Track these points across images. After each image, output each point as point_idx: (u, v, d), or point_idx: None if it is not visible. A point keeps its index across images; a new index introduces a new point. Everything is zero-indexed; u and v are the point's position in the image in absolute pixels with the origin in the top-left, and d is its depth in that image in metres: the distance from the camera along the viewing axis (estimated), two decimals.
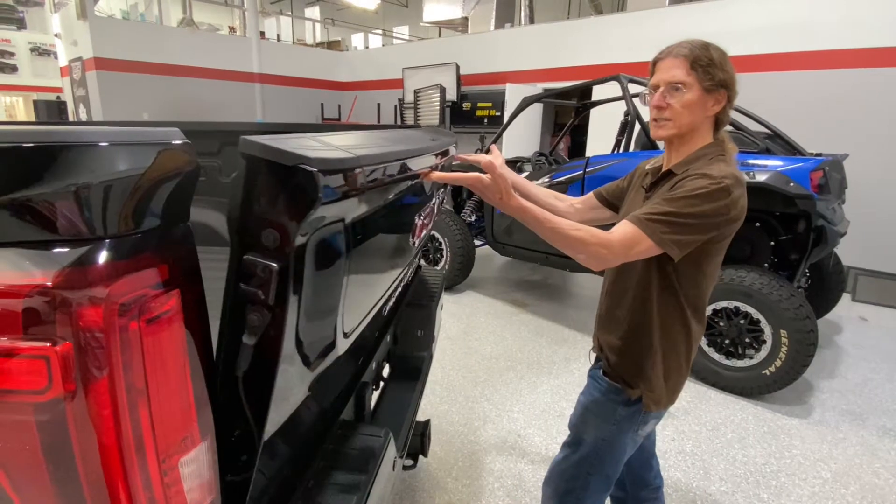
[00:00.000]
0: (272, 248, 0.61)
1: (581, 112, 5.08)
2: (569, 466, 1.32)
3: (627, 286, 1.19)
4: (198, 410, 0.56)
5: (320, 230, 0.66)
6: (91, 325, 0.45)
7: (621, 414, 1.21)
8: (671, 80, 1.09)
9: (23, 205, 0.46)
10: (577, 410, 1.33)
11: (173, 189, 0.53)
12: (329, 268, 0.74)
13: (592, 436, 1.26)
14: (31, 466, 0.48)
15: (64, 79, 8.78)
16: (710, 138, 1.14)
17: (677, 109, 1.09)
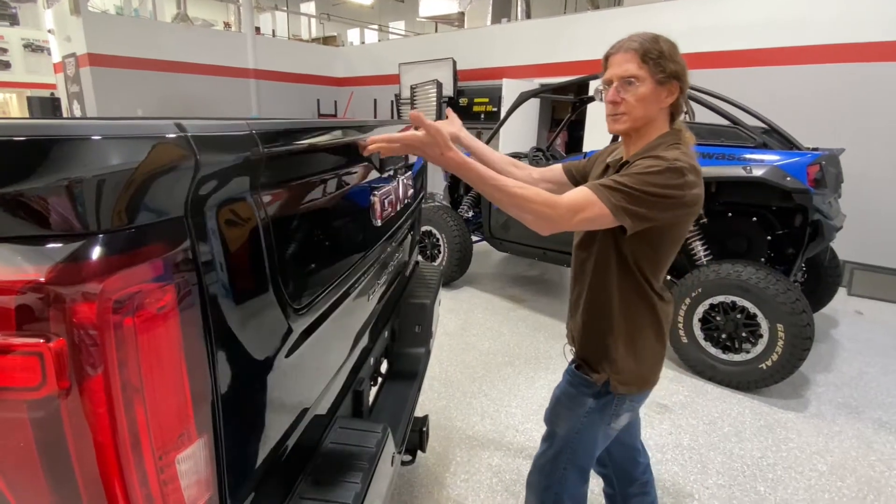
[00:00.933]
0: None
1: (578, 107, 5.07)
2: (545, 462, 1.32)
3: (587, 269, 1.21)
4: (195, 407, 0.56)
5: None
6: (85, 322, 0.45)
7: (591, 406, 1.22)
8: (624, 75, 1.10)
9: (15, 200, 0.46)
10: (551, 404, 1.34)
11: (168, 183, 0.52)
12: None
13: (564, 429, 1.27)
14: (27, 464, 0.48)
15: (58, 75, 8.72)
16: (665, 129, 1.15)
17: (631, 103, 1.10)
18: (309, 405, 0.89)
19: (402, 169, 1.58)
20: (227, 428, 0.61)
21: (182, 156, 0.53)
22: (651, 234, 1.09)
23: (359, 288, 1.14)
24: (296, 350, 0.80)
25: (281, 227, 0.73)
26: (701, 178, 1.10)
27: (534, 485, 1.36)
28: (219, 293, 0.59)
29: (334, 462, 0.94)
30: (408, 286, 1.83)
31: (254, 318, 0.67)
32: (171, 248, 0.52)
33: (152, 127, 0.53)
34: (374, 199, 1.21)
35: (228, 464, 0.63)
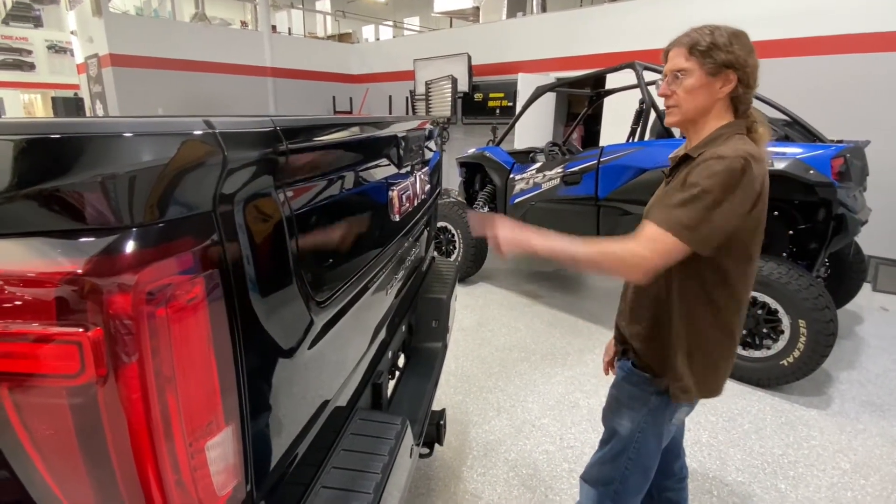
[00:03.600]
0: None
1: (595, 101, 5.02)
2: (606, 461, 1.31)
3: (660, 279, 1.18)
4: (223, 395, 0.58)
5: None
6: (120, 312, 0.47)
7: (654, 403, 1.21)
8: (673, 68, 1.13)
9: (53, 195, 0.48)
10: (609, 403, 1.33)
11: (197, 178, 0.54)
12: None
13: (627, 428, 1.25)
14: (66, 449, 0.50)
15: (81, 75, 8.91)
16: (726, 120, 1.13)
17: (681, 96, 1.12)
18: (330, 396, 0.91)
19: (419, 165, 1.59)
20: (252, 417, 0.63)
21: (210, 152, 0.54)
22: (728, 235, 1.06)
23: (377, 282, 1.16)
24: (318, 342, 0.82)
25: (303, 221, 0.75)
26: (762, 165, 1.07)
27: (592, 482, 1.35)
28: (245, 286, 0.60)
29: (355, 452, 0.95)
30: (424, 281, 1.84)
31: (278, 310, 0.69)
32: (200, 242, 0.54)
33: (181, 124, 0.54)
34: (393, 194, 1.22)
35: (254, 452, 0.64)
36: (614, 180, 3.40)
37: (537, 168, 3.95)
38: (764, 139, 1.14)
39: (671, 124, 1.17)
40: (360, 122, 1.09)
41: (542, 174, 3.89)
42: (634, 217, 3.30)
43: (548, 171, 3.85)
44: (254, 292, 0.62)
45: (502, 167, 4.22)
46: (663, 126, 3.42)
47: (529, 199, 3.99)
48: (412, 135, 1.45)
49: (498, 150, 4.40)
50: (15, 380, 0.47)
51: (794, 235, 3.11)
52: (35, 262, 0.47)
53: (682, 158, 1.15)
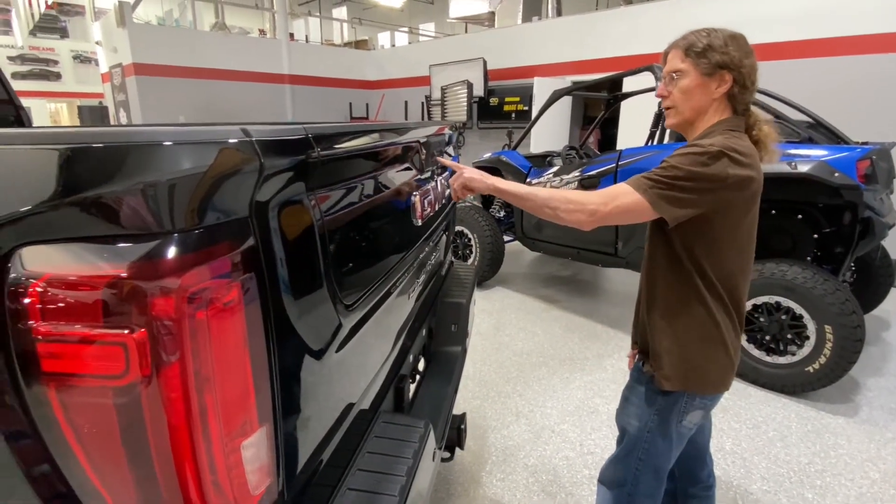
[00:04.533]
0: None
1: (612, 104, 5.00)
2: (619, 462, 1.33)
3: (646, 265, 1.24)
4: (257, 396, 0.59)
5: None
6: (163, 314, 0.48)
7: (661, 402, 1.21)
8: (670, 70, 1.15)
9: (98, 202, 0.50)
10: (621, 403, 1.35)
11: (234, 185, 0.55)
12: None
13: (636, 427, 1.27)
14: (109, 447, 0.51)
15: (105, 84, 9.14)
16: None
17: (677, 96, 1.14)
18: (356, 399, 0.92)
19: (439, 169, 1.60)
20: (285, 418, 0.64)
21: (247, 159, 0.56)
22: (700, 224, 1.08)
23: (400, 286, 1.17)
24: (345, 345, 0.83)
25: (332, 225, 0.76)
26: (754, 161, 1.07)
27: (606, 482, 1.37)
28: (278, 289, 0.62)
29: (379, 455, 0.96)
30: (444, 285, 1.85)
31: (309, 313, 0.70)
32: (237, 246, 0.55)
33: (219, 132, 0.56)
34: (415, 199, 1.23)
35: (286, 452, 0.65)
36: None
37: (554, 172, 3.94)
38: (770, 137, 1.15)
39: (671, 126, 1.19)
40: (384, 128, 1.11)
41: (559, 178, 3.88)
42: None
43: (565, 175, 3.83)
44: (287, 295, 0.64)
45: (519, 171, 4.22)
46: None
47: None
48: (433, 140, 1.46)
49: (514, 154, 4.40)
50: (62, 379, 0.49)
51: (819, 239, 3.05)
52: (81, 267, 0.49)
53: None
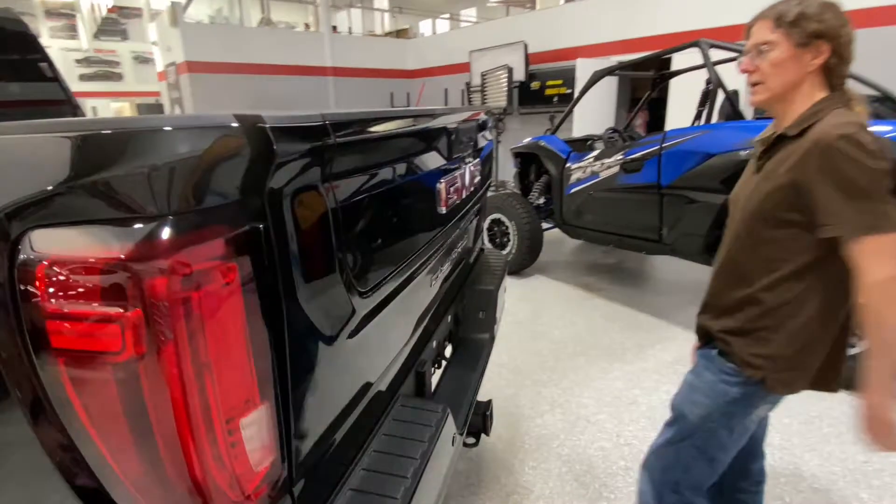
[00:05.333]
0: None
1: (658, 84, 4.78)
2: (669, 447, 1.28)
3: (754, 265, 1.12)
4: (258, 376, 0.60)
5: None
6: (157, 294, 0.50)
7: (733, 395, 1.15)
8: (757, 42, 1.07)
9: (96, 186, 0.52)
10: (683, 390, 1.28)
11: (230, 169, 0.56)
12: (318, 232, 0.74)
13: (697, 415, 1.21)
14: (114, 421, 0.54)
15: (161, 83, 9.62)
16: (819, 95, 1.05)
17: (766, 71, 1.06)
18: (370, 383, 0.93)
19: (470, 156, 1.58)
20: (288, 398, 0.66)
21: (241, 144, 0.56)
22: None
23: (421, 274, 1.16)
24: (360, 330, 0.84)
25: (345, 212, 0.76)
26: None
27: (651, 468, 1.33)
28: (283, 273, 0.63)
29: (395, 438, 0.97)
30: (472, 272, 1.83)
31: (318, 298, 0.71)
32: (234, 230, 0.56)
33: (217, 118, 0.57)
34: (440, 186, 1.22)
35: (291, 431, 0.67)
36: (679, 166, 3.22)
37: (595, 156, 3.82)
38: (861, 116, 1.05)
39: (756, 103, 1.11)
40: (406, 114, 1.10)
41: (599, 162, 3.76)
42: (702, 205, 3.11)
43: (606, 159, 3.71)
44: (294, 279, 0.65)
45: (558, 156, 4.12)
46: (733, 107, 3.20)
47: (586, 189, 3.86)
48: (462, 126, 1.44)
49: (553, 138, 4.30)
50: (69, 355, 0.52)
51: None
52: (83, 248, 0.51)
53: (776, 139, 1.08)
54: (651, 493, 1.32)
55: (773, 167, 1.07)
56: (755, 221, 1.10)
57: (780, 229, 1.07)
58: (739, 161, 2.85)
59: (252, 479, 0.62)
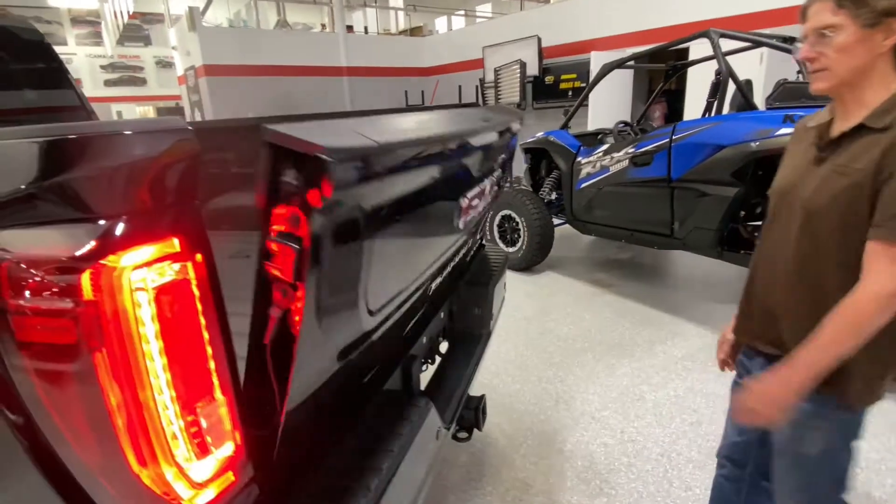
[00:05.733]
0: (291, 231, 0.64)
1: (671, 75, 4.71)
2: (803, 490, 1.17)
3: (830, 271, 1.02)
4: (215, 368, 0.63)
5: (337, 213, 0.68)
6: (105, 291, 0.52)
7: (841, 415, 1.06)
8: (817, 26, 0.97)
9: (50, 190, 0.55)
10: (785, 429, 1.13)
11: (180, 172, 0.58)
12: (348, 250, 0.77)
13: (819, 447, 1.10)
14: (75, 411, 0.57)
15: (181, 87, 9.84)
16: (893, 79, 0.97)
17: (831, 56, 0.96)
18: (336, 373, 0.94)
19: (497, 167, 1.55)
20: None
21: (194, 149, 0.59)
22: None
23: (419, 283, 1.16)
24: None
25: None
26: None
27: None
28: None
29: (373, 431, 0.99)
30: (471, 268, 1.84)
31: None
32: (185, 229, 0.59)
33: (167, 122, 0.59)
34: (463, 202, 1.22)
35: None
36: (689, 159, 3.16)
37: (604, 150, 3.78)
38: None
39: (820, 91, 1.01)
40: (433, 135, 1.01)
41: (609, 156, 3.72)
42: (713, 198, 3.05)
43: (615, 153, 3.66)
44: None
45: (567, 151, 4.08)
46: (745, 98, 3.13)
47: (596, 184, 3.82)
48: (496, 143, 1.41)
49: (563, 133, 4.26)
50: (32, 348, 0.55)
51: None
52: (38, 248, 0.54)
53: (853, 130, 0.98)
54: None
55: (846, 161, 0.97)
56: (829, 222, 0.99)
57: (859, 231, 0.96)
58: (750, 153, 2.80)
59: (213, 468, 0.64)
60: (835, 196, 0.98)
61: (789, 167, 1.13)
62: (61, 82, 2.52)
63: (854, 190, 0.95)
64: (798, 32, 1.07)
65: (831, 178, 0.99)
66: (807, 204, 1.03)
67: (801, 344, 1.01)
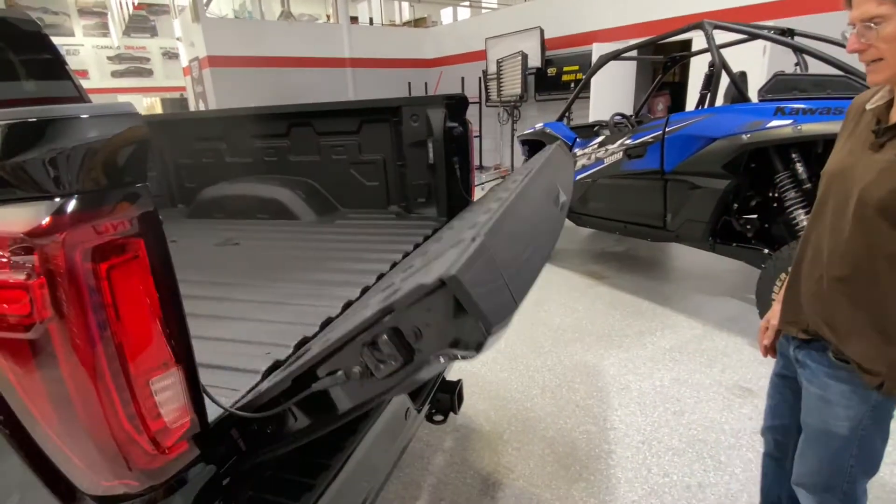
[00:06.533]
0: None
1: (670, 67, 4.68)
2: (824, 466, 1.18)
3: (881, 265, 1.00)
4: (168, 340, 0.67)
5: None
6: (57, 265, 0.56)
7: (876, 398, 1.06)
8: (863, 17, 0.94)
9: (6, 169, 0.58)
10: (812, 405, 1.17)
11: (130, 153, 0.62)
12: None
13: (846, 427, 1.11)
14: (34, 380, 0.61)
15: (186, 78, 9.90)
16: None
17: (884, 47, 0.93)
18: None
19: None
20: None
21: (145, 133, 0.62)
22: None
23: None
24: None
25: None
26: None
27: (813, 489, 1.22)
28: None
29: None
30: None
31: None
32: (136, 207, 0.63)
33: (114, 107, 0.63)
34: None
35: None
36: (681, 151, 3.17)
37: (599, 142, 3.79)
38: None
39: (877, 82, 0.99)
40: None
41: (604, 149, 3.72)
42: (705, 191, 3.06)
43: (610, 146, 3.67)
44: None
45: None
46: (738, 90, 3.12)
47: (591, 176, 3.84)
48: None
49: (559, 125, 4.27)
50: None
51: None
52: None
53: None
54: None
55: None
56: (887, 212, 0.96)
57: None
58: (742, 145, 2.80)
59: (168, 436, 0.69)
60: (893, 188, 0.94)
61: (844, 150, 1.09)
62: (59, 73, 2.56)
63: None
64: (797, 25, 1.07)
65: (892, 167, 0.95)
66: (864, 193, 0.98)
67: (847, 337, 1.03)
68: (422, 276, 0.64)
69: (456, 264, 0.58)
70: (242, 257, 1.93)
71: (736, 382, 2.54)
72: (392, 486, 1.93)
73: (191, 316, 0.71)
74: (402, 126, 2.24)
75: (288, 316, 1.25)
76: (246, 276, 1.64)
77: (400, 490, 1.91)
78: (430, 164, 2.20)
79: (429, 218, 2.29)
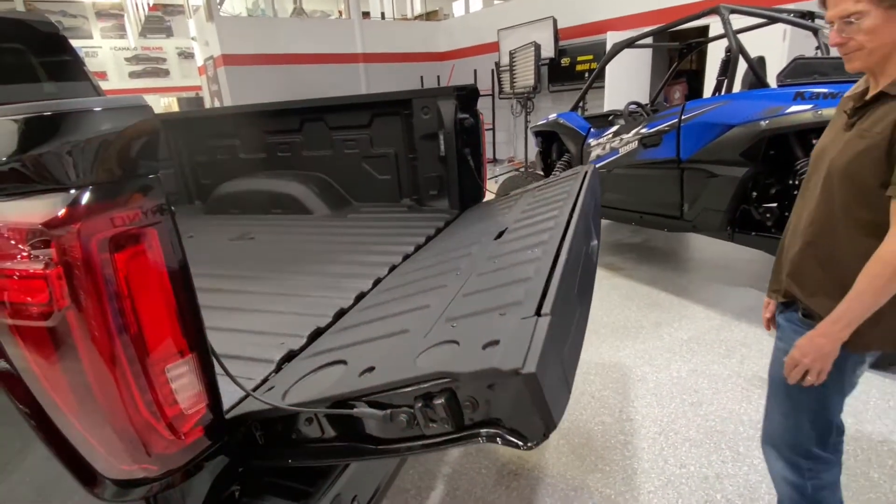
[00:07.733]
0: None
1: (686, 54, 4.59)
2: (789, 418, 1.27)
3: (846, 227, 1.09)
4: (182, 328, 0.68)
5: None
6: (76, 255, 0.58)
7: (838, 357, 1.12)
8: (841, 15, 1.01)
9: (23, 162, 0.60)
10: (777, 359, 1.27)
11: (142, 145, 0.64)
12: None
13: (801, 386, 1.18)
14: (55, 367, 0.63)
15: (201, 77, 10.02)
16: None
17: (860, 41, 1.01)
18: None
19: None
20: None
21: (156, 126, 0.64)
22: None
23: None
24: None
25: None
26: None
27: (777, 444, 1.32)
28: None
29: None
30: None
31: None
32: (150, 197, 0.64)
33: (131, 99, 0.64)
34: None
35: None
36: (698, 139, 3.11)
37: (614, 132, 3.74)
38: None
39: (855, 70, 1.07)
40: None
41: (618, 138, 3.68)
42: (723, 179, 3.00)
43: (624, 135, 3.62)
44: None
45: (576, 133, 4.05)
46: (756, 76, 3.05)
47: (606, 166, 3.79)
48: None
49: (573, 115, 4.22)
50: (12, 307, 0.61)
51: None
52: (12, 216, 0.60)
53: (875, 97, 1.05)
54: (786, 467, 1.31)
55: (868, 125, 1.03)
56: (845, 180, 1.06)
57: (873, 190, 1.03)
58: (760, 132, 2.74)
59: (185, 422, 0.70)
60: (853, 157, 1.04)
61: (828, 134, 1.19)
62: (78, 75, 2.62)
63: (871, 152, 1.01)
64: (817, 7, 1.11)
65: (853, 141, 1.06)
66: (831, 165, 1.10)
67: (814, 296, 1.15)
68: (482, 329, 0.62)
69: (533, 356, 0.57)
70: (257, 251, 1.96)
71: (755, 373, 2.50)
72: (408, 475, 1.95)
73: (208, 308, 0.73)
74: (412, 119, 2.24)
75: (302, 307, 1.27)
76: (261, 269, 1.66)
77: (416, 479, 1.93)
78: (441, 156, 2.20)
79: (441, 210, 2.29)
